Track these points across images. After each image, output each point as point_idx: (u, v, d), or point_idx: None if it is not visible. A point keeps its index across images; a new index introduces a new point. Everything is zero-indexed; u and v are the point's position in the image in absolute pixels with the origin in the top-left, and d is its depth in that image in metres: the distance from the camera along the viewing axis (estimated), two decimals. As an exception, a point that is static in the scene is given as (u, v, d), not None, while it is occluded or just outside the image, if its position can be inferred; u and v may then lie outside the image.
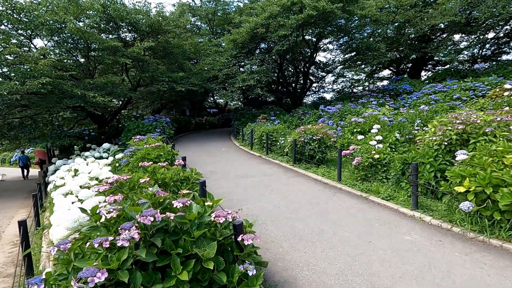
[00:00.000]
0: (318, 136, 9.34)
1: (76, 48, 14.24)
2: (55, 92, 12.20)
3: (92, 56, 14.84)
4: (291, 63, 25.28)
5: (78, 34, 12.81)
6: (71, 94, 12.11)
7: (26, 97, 12.15)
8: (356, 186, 6.89)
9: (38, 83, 10.53)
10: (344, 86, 34.20)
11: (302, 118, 17.24)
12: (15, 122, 12.50)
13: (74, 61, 15.78)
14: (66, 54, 15.04)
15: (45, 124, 13.14)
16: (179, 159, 6.25)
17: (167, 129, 14.82)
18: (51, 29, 12.53)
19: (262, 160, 10.78)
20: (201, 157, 11.57)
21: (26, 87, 10.51)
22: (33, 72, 10.63)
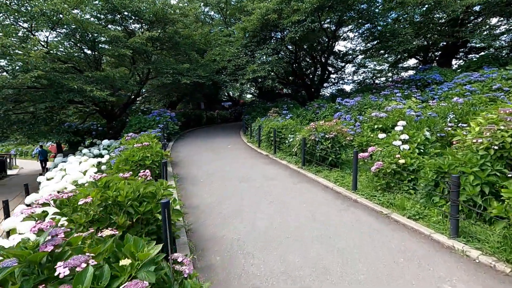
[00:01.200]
0: (332, 134, 8.05)
1: (76, 39, 13.58)
2: (54, 86, 11.60)
3: (95, 48, 14.14)
4: (308, 53, 23.71)
5: (76, 24, 12.07)
6: (69, 88, 11.44)
7: (23, 91, 11.64)
8: (375, 198, 5.61)
9: (30, 76, 9.88)
10: (366, 77, 32.23)
11: (317, 112, 15.84)
12: (13, 118, 12.05)
13: (78, 53, 15.20)
14: (70, 46, 14.46)
15: (44, 119, 12.62)
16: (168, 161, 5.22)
17: (171, 124, 13.95)
18: (51, 20, 11.86)
19: (268, 160, 9.62)
20: (203, 155, 10.58)
21: (18, 80, 9.89)
22: (25, 65, 9.98)
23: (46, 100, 11.58)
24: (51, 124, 13.07)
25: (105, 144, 12.53)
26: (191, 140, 14.23)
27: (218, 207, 5.41)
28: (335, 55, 26.58)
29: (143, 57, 16.28)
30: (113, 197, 3.39)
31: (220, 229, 4.51)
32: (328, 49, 22.71)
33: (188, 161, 9.64)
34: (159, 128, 13.15)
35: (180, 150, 11.70)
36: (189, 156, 10.40)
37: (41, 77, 10.67)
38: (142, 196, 3.61)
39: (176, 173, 7.95)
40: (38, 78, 10.70)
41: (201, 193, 6.25)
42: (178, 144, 13.23)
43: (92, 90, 11.20)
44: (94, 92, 11.11)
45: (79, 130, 17.63)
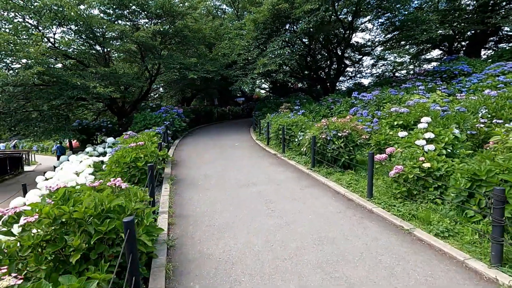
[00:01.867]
0: (345, 132, 7.21)
1: (83, 35, 13.29)
2: (59, 83, 11.35)
3: (101, 43, 13.82)
4: (323, 45, 22.60)
5: (79, 19, 11.73)
6: (73, 85, 11.14)
7: (28, 89, 11.47)
8: (394, 208, 4.78)
9: (31, 73, 9.59)
10: (385, 70, 30.73)
11: (331, 107, 14.90)
12: (16, 116, 11.92)
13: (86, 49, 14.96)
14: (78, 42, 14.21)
15: (50, 117, 12.45)
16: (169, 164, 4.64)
17: (177, 122, 13.46)
18: (57, 16, 11.55)
19: (276, 160, 8.89)
20: (207, 153, 9.99)
21: (20, 78, 9.63)
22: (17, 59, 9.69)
23: (51, 97, 11.34)
24: (57, 122, 12.88)
25: (110, 142, 12.20)
26: (198, 138, 13.70)
27: (211, 217, 4.76)
28: (352, 47, 25.36)
29: (152, 53, 15.88)
30: (70, 213, 2.80)
31: (208, 245, 3.86)
32: (344, 41, 21.53)
33: (190, 160, 9.07)
34: (165, 125, 12.70)
35: (185, 148, 11.17)
36: (192, 155, 9.84)
37: (44, 74, 10.41)
38: (108, 211, 3.00)
39: (174, 175, 7.39)
40: (41, 75, 10.44)
41: (196, 199, 5.63)
42: (184, 141, 12.73)
43: (96, 87, 10.84)
44: (98, 88, 10.73)
45: (89, 128, 17.52)
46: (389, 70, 31.17)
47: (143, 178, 6.15)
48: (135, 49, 13.27)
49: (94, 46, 14.83)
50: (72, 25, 12.68)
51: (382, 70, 31.20)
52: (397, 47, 25.66)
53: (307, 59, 21.69)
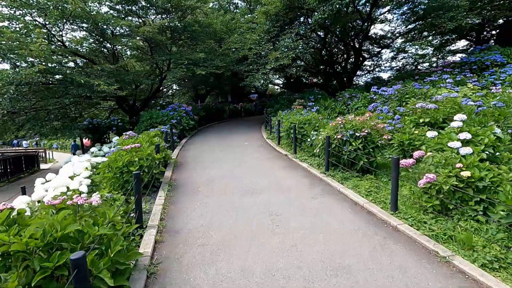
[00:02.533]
0: (364, 132, 6.36)
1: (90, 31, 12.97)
2: (65, 81, 11.06)
3: (107, 39, 13.45)
4: (339, 38, 21.47)
5: (84, 14, 11.36)
6: (78, 83, 10.81)
7: (34, 88, 11.25)
8: (425, 226, 3.95)
9: (32, 71, 9.28)
10: (406, 63, 29.12)
11: (348, 103, 13.93)
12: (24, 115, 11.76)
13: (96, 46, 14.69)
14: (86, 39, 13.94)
15: (57, 116, 12.22)
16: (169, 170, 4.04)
17: (185, 120, 12.92)
18: (63, 12, 11.23)
19: (286, 162, 8.14)
20: (213, 154, 9.37)
21: (22, 76, 9.34)
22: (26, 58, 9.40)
23: (56, 96, 11.06)
24: (64, 121, 12.65)
25: (115, 142, 11.85)
26: (207, 136, 13.12)
27: (206, 234, 4.10)
28: (371, 40, 24.09)
29: (162, 49, 15.43)
30: (8, 244, 2.20)
31: (196, 273, 3.20)
32: (362, 33, 20.32)
33: (194, 161, 8.48)
34: (171, 123, 12.19)
35: (191, 148, 10.60)
36: (197, 156, 9.24)
37: (47, 72, 10.11)
38: (61, 239, 2.39)
39: (174, 179, 6.80)
40: (45, 74, 10.14)
41: (192, 210, 4.99)
42: (192, 141, 12.18)
43: (99, 84, 10.45)
44: (101, 86, 10.33)
45: (99, 126, 17.36)
46: (410, 63, 29.58)
47: (137, 184, 5.57)
48: (142, 45, 12.80)
49: (103, 43, 14.54)
50: (79, 22, 12.38)
51: (402, 63, 29.65)
52: (419, 38, 24.21)
53: (322, 53, 20.65)
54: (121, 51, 18.55)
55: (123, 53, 18.73)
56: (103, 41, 14.17)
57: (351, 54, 22.99)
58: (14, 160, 18.44)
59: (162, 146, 7.58)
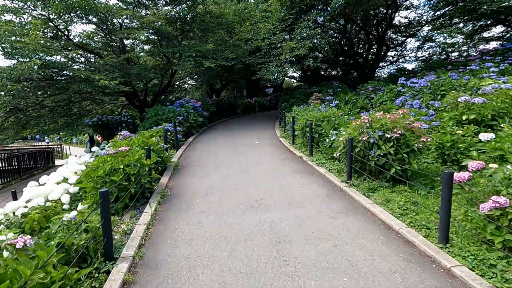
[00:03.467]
0: (397, 133, 5.18)
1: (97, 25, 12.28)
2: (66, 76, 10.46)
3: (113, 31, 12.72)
4: (361, 27, 19.88)
5: (86, 4, 10.64)
6: (79, 78, 10.15)
7: (35, 84, 10.71)
8: (494, 272, 2.79)
9: (29, 66, 8.65)
10: (433, 52, 26.98)
11: (371, 96, 12.59)
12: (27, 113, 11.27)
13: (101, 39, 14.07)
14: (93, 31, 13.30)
15: (60, 113, 11.68)
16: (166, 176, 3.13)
17: (192, 116, 12.05)
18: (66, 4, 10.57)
19: (301, 166, 7.06)
20: (219, 154, 8.42)
21: (17, 71, 8.75)
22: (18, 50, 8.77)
23: (56, 92, 10.47)
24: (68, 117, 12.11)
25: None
26: (216, 134, 12.20)
27: (191, 273, 3.14)
28: (395, 28, 22.34)
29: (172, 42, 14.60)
30: None
31: None
32: (386, 21, 18.65)
33: (197, 164, 7.56)
34: (178, 120, 11.36)
35: (197, 148, 9.71)
36: (202, 157, 8.32)
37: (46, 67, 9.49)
38: None
39: (169, 187, 5.90)
40: (43, 68, 9.53)
41: (181, 232, 4.05)
42: (199, 139, 11.30)
43: (100, 79, 9.72)
44: (102, 81, 9.60)
45: (109, 123, 16.87)
46: (438, 52, 27.43)
47: (122, 196, 4.72)
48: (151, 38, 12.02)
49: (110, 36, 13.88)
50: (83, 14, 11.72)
51: (429, 53, 27.56)
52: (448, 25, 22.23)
53: (342, 42, 19.17)
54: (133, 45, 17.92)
55: (135, 47, 18.11)
56: (109, 34, 13.49)
57: (373, 44, 21.36)
58: (28, 156, 18.39)
59: (159, 148, 6.71)
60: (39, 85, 10.68)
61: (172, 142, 9.63)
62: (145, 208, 4.72)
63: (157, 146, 6.61)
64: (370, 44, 21.51)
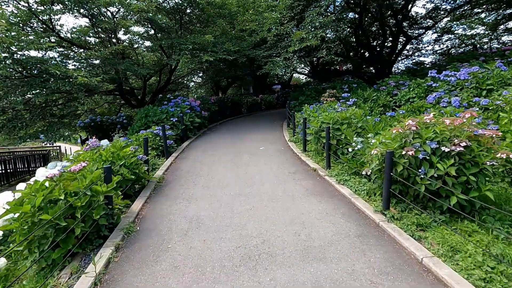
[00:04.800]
0: (460, 145, 3.57)
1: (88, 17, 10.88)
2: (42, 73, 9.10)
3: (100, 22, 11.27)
4: (375, 17, 18.08)
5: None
6: (53, 75, 8.78)
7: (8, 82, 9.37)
8: None
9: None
10: (452, 45, 25.02)
11: (393, 93, 10.91)
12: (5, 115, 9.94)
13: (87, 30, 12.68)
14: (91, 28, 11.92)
15: (38, 115, 10.33)
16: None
17: (188, 117, 10.56)
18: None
19: (316, 184, 5.48)
20: (214, 166, 6.90)
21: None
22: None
23: (32, 91, 9.12)
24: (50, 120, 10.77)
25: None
26: (216, 138, 10.69)
27: None
28: (411, 20, 20.61)
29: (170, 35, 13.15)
30: None
31: None
32: (402, 11, 16.87)
33: (185, 181, 6.06)
34: (172, 122, 9.89)
35: (190, 156, 8.22)
36: (193, 170, 6.82)
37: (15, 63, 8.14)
38: None
39: (141, 217, 4.41)
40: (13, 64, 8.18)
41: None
42: (194, 144, 9.80)
43: (79, 76, 8.31)
44: (80, 78, 8.19)
45: (102, 124, 15.56)
46: (457, 45, 25.47)
47: (63, 240, 3.26)
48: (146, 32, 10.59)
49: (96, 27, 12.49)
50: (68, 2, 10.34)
51: (447, 46, 25.62)
52: (469, 15, 20.42)
53: (357, 33, 17.39)
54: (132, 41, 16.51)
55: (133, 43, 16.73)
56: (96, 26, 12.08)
57: (389, 36, 19.57)
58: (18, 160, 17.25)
59: (135, 162, 5.22)
60: (13, 84, 9.35)
61: (162, 149, 8.17)
62: (93, 260, 3.23)
63: (131, 159, 5.14)
64: (385, 37, 19.70)
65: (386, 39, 19.64)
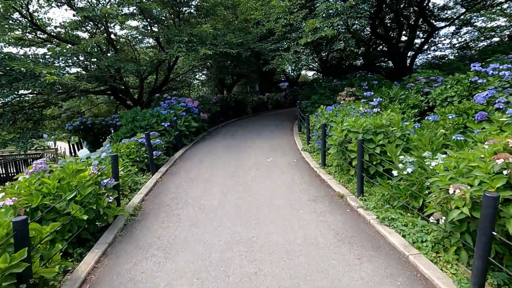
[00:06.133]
0: None
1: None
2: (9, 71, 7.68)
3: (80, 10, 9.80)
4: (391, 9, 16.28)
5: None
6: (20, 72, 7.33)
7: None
8: None
9: None
10: (470, 38, 23.16)
11: (424, 91, 9.25)
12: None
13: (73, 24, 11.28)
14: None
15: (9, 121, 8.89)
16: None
17: (183, 121, 9.03)
18: None
19: (346, 219, 3.89)
20: (208, 189, 5.37)
21: None
22: None
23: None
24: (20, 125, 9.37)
25: (82, 155, 8.34)
26: (215, 146, 9.14)
27: None
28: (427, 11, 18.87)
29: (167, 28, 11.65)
30: None
31: None
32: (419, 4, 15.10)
33: (167, 214, 4.52)
34: (163, 127, 8.37)
35: (181, 171, 6.68)
36: (181, 195, 5.27)
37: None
38: None
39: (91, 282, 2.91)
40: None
41: None
42: (189, 155, 8.26)
43: (48, 73, 6.85)
44: (49, 76, 6.72)
45: (93, 127, 14.18)
46: (475, 38, 23.65)
47: None
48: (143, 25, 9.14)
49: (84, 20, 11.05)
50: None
51: (465, 39, 23.79)
52: (491, 5, 18.67)
53: (374, 24, 15.61)
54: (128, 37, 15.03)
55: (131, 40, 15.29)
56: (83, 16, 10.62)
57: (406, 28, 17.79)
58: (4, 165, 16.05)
59: (93, 192, 3.71)
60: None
61: (147, 162, 6.66)
62: None
63: (88, 189, 3.62)
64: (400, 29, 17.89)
65: (401, 33, 17.83)
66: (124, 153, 6.59)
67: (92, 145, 15.23)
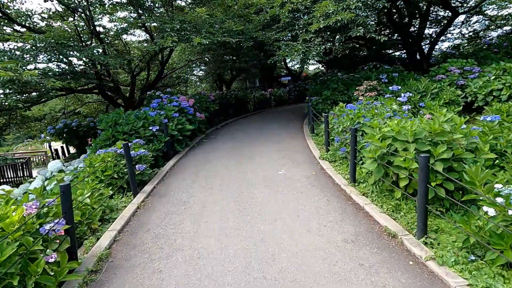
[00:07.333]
0: None
1: None
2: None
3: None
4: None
5: None
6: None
7: None
8: None
9: None
10: (480, 28, 21.74)
11: (458, 83, 7.85)
12: None
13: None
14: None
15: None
16: None
17: (176, 124, 7.61)
18: None
19: (414, 282, 2.53)
20: (201, 224, 3.99)
21: None
22: None
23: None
24: None
25: (53, 168, 6.94)
26: (213, 152, 7.73)
27: None
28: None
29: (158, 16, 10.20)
30: None
31: None
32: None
33: (144, 268, 3.14)
34: (151, 132, 6.97)
35: (171, 190, 5.29)
36: (168, 232, 3.89)
37: None
38: None
39: None
40: None
41: None
42: (183, 165, 6.86)
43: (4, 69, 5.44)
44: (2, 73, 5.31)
45: (78, 129, 12.80)
46: (485, 27, 22.28)
47: None
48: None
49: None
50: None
51: (474, 29, 22.41)
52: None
53: (390, 12, 14.14)
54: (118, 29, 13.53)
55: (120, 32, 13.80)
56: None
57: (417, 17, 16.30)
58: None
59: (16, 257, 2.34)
60: None
61: (127, 179, 5.26)
62: None
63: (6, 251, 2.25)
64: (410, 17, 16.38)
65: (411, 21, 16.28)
66: (98, 168, 5.20)
67: (79, 149, 13.87)
